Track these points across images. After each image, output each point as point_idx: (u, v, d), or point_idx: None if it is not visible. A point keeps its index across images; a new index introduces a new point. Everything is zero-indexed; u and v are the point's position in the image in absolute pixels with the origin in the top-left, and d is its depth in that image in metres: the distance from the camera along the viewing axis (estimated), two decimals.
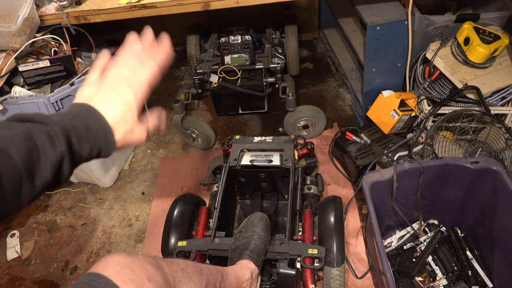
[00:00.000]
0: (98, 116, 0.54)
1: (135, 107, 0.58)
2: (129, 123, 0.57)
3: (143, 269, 0.54)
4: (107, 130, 0.54)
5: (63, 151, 0.48)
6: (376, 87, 1.70)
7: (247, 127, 2.06)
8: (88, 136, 0.52)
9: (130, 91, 0.58)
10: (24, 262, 1.63)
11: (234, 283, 0.89)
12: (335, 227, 1.19)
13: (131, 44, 0.63)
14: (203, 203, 1.40)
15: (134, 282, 0.51)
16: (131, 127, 0.57)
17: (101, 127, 0.53)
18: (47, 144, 0.47)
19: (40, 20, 1.48)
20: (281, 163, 1.30)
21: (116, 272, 0.51)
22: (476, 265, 1.29)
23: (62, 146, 0.48)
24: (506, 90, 1.47)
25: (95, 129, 0.53)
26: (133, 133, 0.58)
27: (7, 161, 0.43)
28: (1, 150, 0.43)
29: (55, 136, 0.48)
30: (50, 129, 0.48)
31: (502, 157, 1.38)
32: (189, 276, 0.67)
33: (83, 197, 1.85)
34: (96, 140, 0.53)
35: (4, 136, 0.44)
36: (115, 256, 0.54)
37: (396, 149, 1.57)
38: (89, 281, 0.49)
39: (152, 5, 1.43)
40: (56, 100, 1.45)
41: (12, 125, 0.47)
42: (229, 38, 1.73)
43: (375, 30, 1.47)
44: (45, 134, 0.47)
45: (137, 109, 0.58)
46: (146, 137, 0.61)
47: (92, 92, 0.57)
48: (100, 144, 0.53)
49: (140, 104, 0.59)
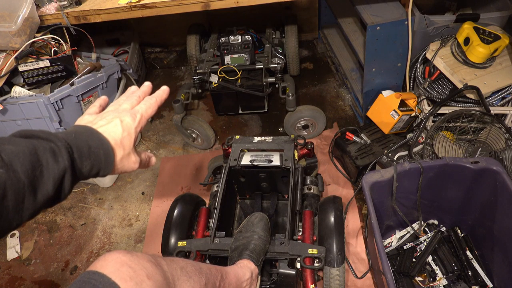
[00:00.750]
0: (99, 137, 0.56)
1: (133, 134, 0.61)
2: (127, 148, 0.60)
3: (142, 267, 0.54)
4: (108, 150, 0.56)
5: (65, 166, 0.50)
6: (376, 87, 1.70)
7: (247, 127, 2.06)
8: (90, 154, 0.53)
9: (130, 118, 0.61)
10: (24, 262, 1.63)
11: (233, 282, 0.89)
12: (335, 227, 1.19)
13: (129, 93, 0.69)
14: (203, 203, 1.40)
15: (133, 280, 0.51)
16: (128, 153, 0.60)
17: (102, 146, 0.55)
18: (50, 160, 0.48)
19: (40, 20, 1.48)
20: (281, 163, 1.30)
21: (116, 269, 0.51)
22: (476, 265, 1.29)
23: (65, 162, 0.50)
24: (506, 90, 1.47)
25: (96, 148, 0.54)
26: (129, 159, 0.61)
27: (12, 176, 0.45)
28: (6, 164, 0.45)
29: (58, 152, 0.49)
30: (54, 146, 0.50)
31: (502, 157, 1.38)
32: (189, 274, 0.67)
33: (83, 197, 1.85)
34: (97, 158, 0.54)
35: (9, 151, 0.46)
36: (114, 253, 0.54)
37: (396, 149, 1.57)
38: (88, 279, 0.49)
39: (152, 5, 1.43)
40: (56, 100, 1.45)
41: (17, 140, 0.48)
42: (229, 38, 1.73)
43: (375, 30, 1.47)
44: (49, 150, 0.49)
45: (135, 137, 0.61)
46: (137, 167, 0.63)
47: (93, 119, 0.61)
48: (101, 163, 0.55)
49: (137, 133, 0.62)
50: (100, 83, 1.64)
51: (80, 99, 1.56)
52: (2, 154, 0.45)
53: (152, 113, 0.66)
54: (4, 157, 0.45)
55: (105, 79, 1.66)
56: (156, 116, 2.21)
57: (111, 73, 1.72)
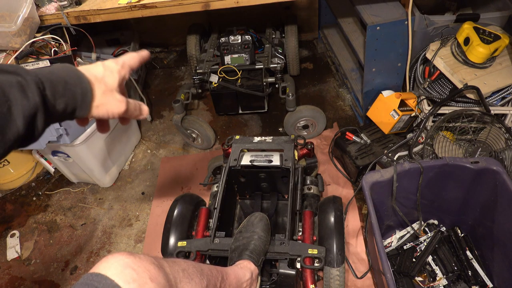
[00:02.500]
0: (78, 73, 0.52)
1: (116, 74, 0.58)
2: (109, 85, 0.56)
3: (145, 269, 0.54)
4: (86, 87, 0.52)
5: (36, 102, 0.46)
6: (376, 87, 1.70)
7: (247, 127, 2.06)
8: (65, 91, 0.50)
9: (113, 62, 0.59)
10: (24, 262, 1.63)
11: (234, 283, 0.89)
12: (335, 227, 1.19)
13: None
14: (203, 203, 1.40)
15: (136, 282, 0.51)
16: (110, 89, 0.56)
17: (80, 83, 0.52)
18: (18, 95, 0.45)
19: (40, 20, 1.48)
20: (281, 163, 1.30)
21: (119, 271, 0.51)
22: (476, 265, 1.29)
23: (36, 98, 0.46)
24: (506, 90, 1.47)
25: (73, 85, 0.51)
26: (113, 96, 0.57)
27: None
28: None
29: (27, 87, 0.46)
30: (22, 80, 0.46)
31: (502, 157, 1.38)
32: (190, 276, 0.67)
33: (83, 197, 1.85)
34: (73, 96, 0.51)
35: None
36: (117, 255, 0.54)
37: (396, 149, 1.57)
38: (91, 281, 0.49)
39: (152, 5, 1.43)
40: None
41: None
42: (229, 38, 1.73)
43: (375, 30, 1.47)
44: (16, 85, 0.45)
45: (119, 78, 0.58)
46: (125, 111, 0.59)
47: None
48: (77, 101, 0.52)
49: (122, 76, 0.59)
50: None
51: None
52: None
53: (135, 64, 0.63)
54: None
55: None
56: (156, 116, 2.21)
57: None
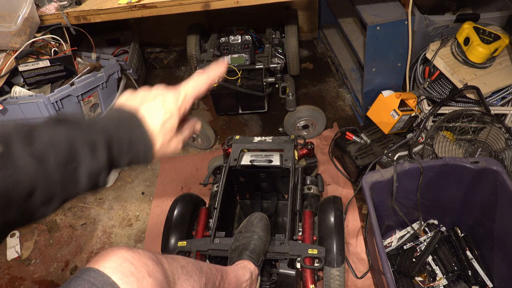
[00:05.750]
0: (142, 129, 0.51)
1: (176, 116, 0.55)
2: (168, 134, 0.55)
3: (143, 264, 0.54)
4: (148, 145, 0.52)
5: (104, 163, 0.46)
6: (376, 87, 1.70)
7: (247, 127, 2.06)
8: (130, 149, 0.50)
9: (173, 99, 0.56)
10: (24, 262, 1.63)
11: (233, 283, 0.89)
12: (335, 227, 1.19)
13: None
14: (203, 203, 1.40)
15: (134, 276, 0.51)
16: (168, 139, 0.55)
17: (143, 141, 0.51)
18: (88, 155, 0.44)
19: (40, 20, 1.48)
20: (281, 163, 1.30)
21: (117, 265, 0.51)
22: (476, 265, 1.29)
23: (104, 158, 0.46)
24: (506, 90, 1.47)
25: (136, 143, 0.50)
26: (169, 145, 0.56)
27: (43, 170, 0.40)
28: (39, 155, 0.40)
29: (98, 147, 0.45)
30: (95, 138, 0.45)
31: (502, 157, 1.38)
32: (189, 273, 0.68)
33: (83, 197, 1.85)
34: (136, 153, 0.51)
35: (45, 139, 0.41)
36: (116, 249, 0.54)
37: (396, 149, 1.57)
38: (87, 276, 0.49)
39: (152, 5, 1.43)
40: (56, 100, 1.45)
41: (55, 127, 0.44)
42: (229, 38, 1.73)
43: (375, 30, 1.47)
44: (87, 144, 0.44)
45: (179, 117, 0.56)
46: (181, 147, 0.58)
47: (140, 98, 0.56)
48: (139, 158, 0.52)
49: (181, 114, 0.56)
50: (100, 83, 1.64)
51: (80, 99, 1.56)
52: (37, 141, 0.41)
53: (200, 92, 0.58)
54: (38, 145, 0.40)
55: (105, 79, 1.66)
56: None
57: (111, 73, 1.72)
